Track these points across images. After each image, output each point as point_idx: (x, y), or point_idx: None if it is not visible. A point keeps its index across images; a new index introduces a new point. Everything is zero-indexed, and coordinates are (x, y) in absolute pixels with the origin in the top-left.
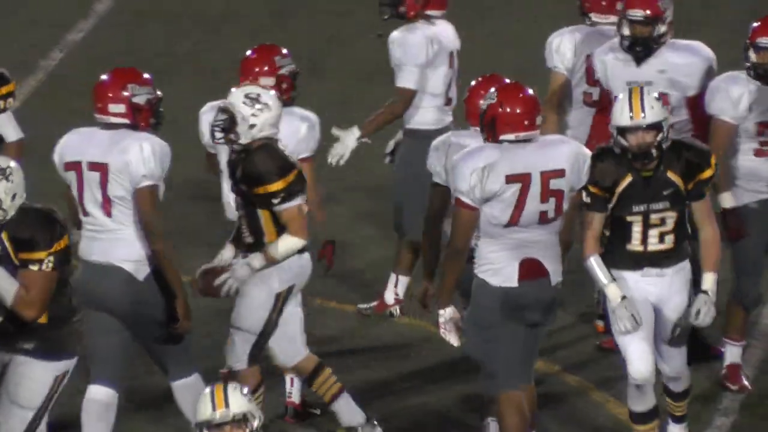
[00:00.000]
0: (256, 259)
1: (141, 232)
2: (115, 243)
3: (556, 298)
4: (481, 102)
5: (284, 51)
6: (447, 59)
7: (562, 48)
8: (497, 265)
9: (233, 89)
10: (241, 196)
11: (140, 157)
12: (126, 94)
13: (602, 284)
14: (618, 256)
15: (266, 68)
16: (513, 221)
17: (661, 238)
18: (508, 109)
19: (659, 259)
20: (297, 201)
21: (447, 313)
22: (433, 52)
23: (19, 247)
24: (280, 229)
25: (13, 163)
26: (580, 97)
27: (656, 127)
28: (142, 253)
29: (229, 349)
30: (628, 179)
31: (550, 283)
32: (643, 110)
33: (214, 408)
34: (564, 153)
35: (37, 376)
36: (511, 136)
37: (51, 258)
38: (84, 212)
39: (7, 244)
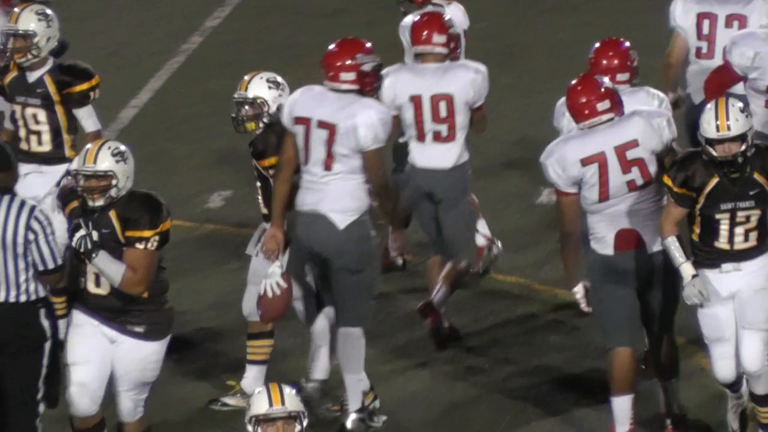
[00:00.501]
0: None
1: (350, 186)
2: (325, 195)
3: (657, 267)
4: None
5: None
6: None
7: (678, 9)
8: (599, 235)
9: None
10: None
11: (369, 122)
12: (355, 62)
13: (678, 262)
14: (704, 255)
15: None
16: (603, 197)
17: (746, 236)
18: (571, 103)
19: (743, 257)
20: None
21: (579, 290)
22: None
23: (127, 226)
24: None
25: (126, 148)
26: (694, 52)
27: (741, 138)
28: (347, 205)
29: None
30: (715, 180)
31: (647, 253)
32: (728, 123)
33: (270, 404)
34: (634, 124)
35: (151, 357)
36: (579, 125)
37: (156, 237)
38: (306, 162)
39: (115, 222)
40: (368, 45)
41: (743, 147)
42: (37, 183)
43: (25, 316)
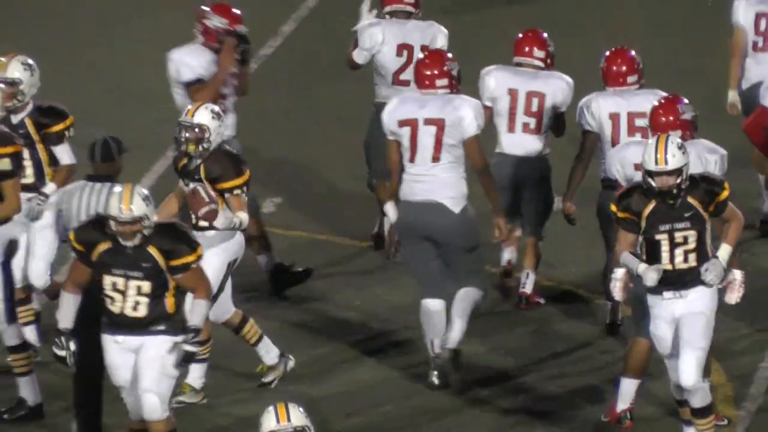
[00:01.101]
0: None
1: (456, 176)
2: (436, 184)
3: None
4: None
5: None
6: None
7: (741, 9)
8: None
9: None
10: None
11: (471, 113)
12: (446, 69)
13: (635, 267)
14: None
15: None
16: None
17: (686, 257)
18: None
19: (683, 279)
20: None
21: (618, 275)
22: None
23: (171, 256)
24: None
25: (148, 192)
26: (751, 46)
27: (677, 172)
28: (458, 191)
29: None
30: (653, 204)
31: None
32: (666, 157)
33: (278, 420)
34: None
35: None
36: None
37: (199, 257)
38: (411, 159)
39: (157, 256)
40: (450, 54)
41: (679, 180)
42: (23, 208)
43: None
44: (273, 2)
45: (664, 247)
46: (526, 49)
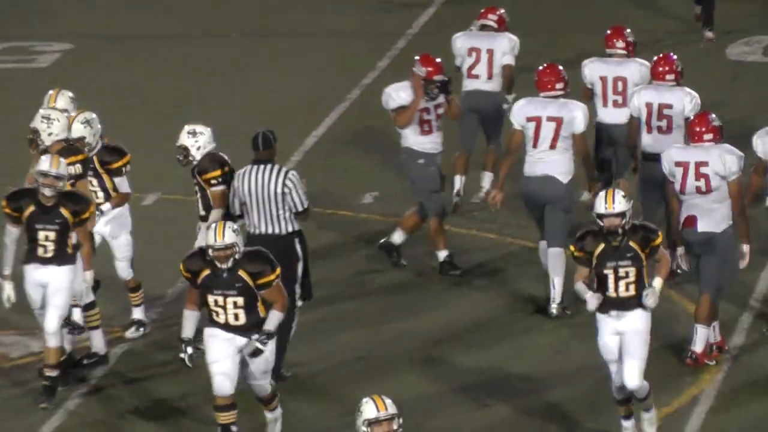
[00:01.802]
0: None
1: (567, 158)
2: (552, 164)
3: (709, 243)
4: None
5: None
6: None
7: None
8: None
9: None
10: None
11: (581, 115)
12: (562, 76)
13: (584, 294)
14: (602, 304)
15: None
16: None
17: (627, 287)
18: (693, 129)
19: (625, 304)
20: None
21: (680, 251)
22: None
23: (257, 277)
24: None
25: (237, 225)
26: None
27: (621, 215)
28: (567, 169)
29: None
30: (602, 246)
31: (698, 231)
32: (613, 203)
33: (377, 410)
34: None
35: (269, 349)
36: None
37: (279, 275)
38: (535, 146)
39: (246, 277)
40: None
41: (623, 221)
42: (100, 221)
43: (285, 243)
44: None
45: (611, 279)
46: (611, 42)
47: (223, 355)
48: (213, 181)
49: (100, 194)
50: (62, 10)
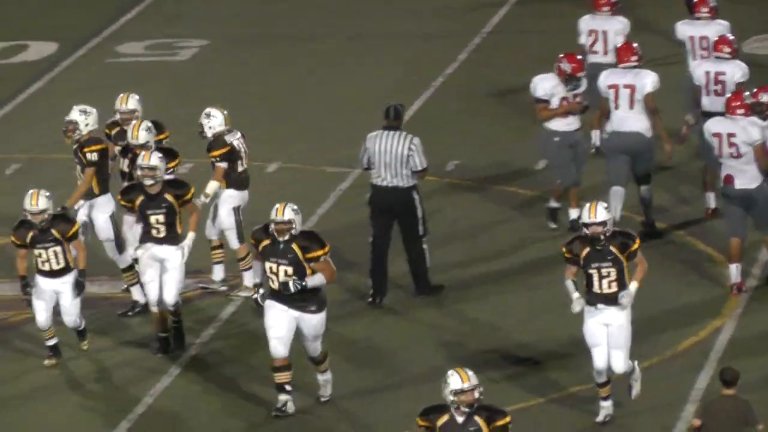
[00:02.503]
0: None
1: (645, 117)
2: (633, 121)
3: (752, 199)
4: None
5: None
6: None
7: None
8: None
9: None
10: None
11: (650, 81)
12: (637, 50)
13: (571, 293)
14: (587, 296)
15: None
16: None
17: (609, 285)
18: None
19: (608, 299)
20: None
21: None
22: None
23: (307, 251)
24: None
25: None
26: None
27: (603, 224)
28: (648, 125)
29: None
30: (587, 249)
31: (737, 188)
32: (596, 214)
33: (462, 381)
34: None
35: (321, 321)
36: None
37: (328, 250)
38: (616, 108)
39: (297, 250)
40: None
41: (604, 229)
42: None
43: (406, 194)
44: None
45: (595, 278)
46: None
47: (278, 323)
48: (217, 159)
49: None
50: (200, 10)
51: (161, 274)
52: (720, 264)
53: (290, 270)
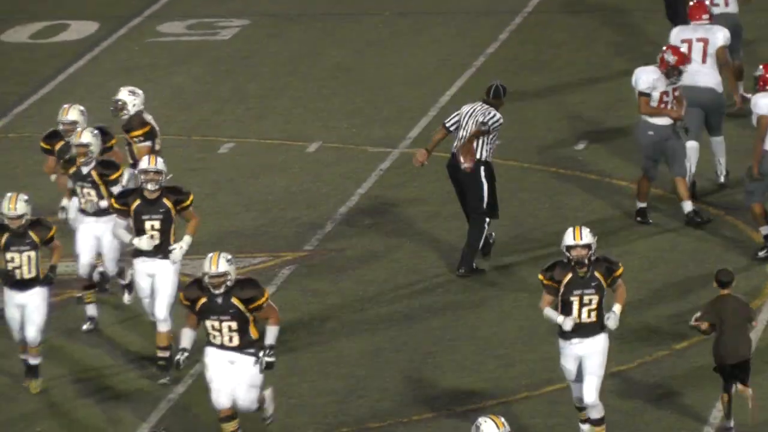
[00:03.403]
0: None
1: (716, 73)
2: (707, 76)
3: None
4: None
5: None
6: None
7: None
8: None
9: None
10: None
11: (722, 36)
12: (708, 8)
13: (555, 317)
14: (560, 330)
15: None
16: None
17: (589, 314)
18: None
19: (586, 329)
20: None
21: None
22: None
23: (249, 302)
24: None
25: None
26: None
27: (588, 247)
28: (719, 80)
29: None
30: (570, 275)
31: None
32: (581, 236)
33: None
34: None
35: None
36: None
37: (268, 296)
38: (689, 62)
39: (239, 304)
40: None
41: (588, 253)
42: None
43: (475, 167)
44: None
45: (575, 306)
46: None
47: (219, 373)
48: (138, 138)
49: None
50: None
51: (153, 287)
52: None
53: (234, 325)
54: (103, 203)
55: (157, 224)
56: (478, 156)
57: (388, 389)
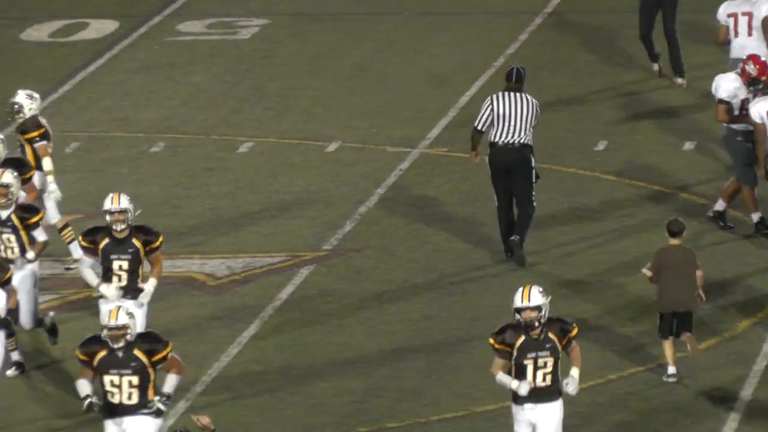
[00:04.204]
0: None
1: (764, 43)
2: (753, 47)
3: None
4: None
5: None
6: None
7: None
8: None
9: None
10: None
11: (766, 6)
12: None
13: (510, 383)
14: (517, 397)
15: None
16: None
17: (544, 377)
18: None
19: (540, 394)
20: None
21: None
22: None
23: (152, 354)
24: None
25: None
26: None
27: (538, 308)
28: (764, 52)
29: None
30: (522, 338)
31: None
32: (529, 298)
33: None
34: None
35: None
36: None
37: (172, 348)
38: (736, 36)
39: (141, 356)
40: None
41: (539, 314)
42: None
43: (524, 152)
44: None
45: (530, 369)
46: None
47: None
48: (34, 139)
49: (16, 249)
50: None
51: None
52: None
53: (135, 380)
54: (30, 255)
55: (125, 264)
56: (531, 141)
57: (406, 389)
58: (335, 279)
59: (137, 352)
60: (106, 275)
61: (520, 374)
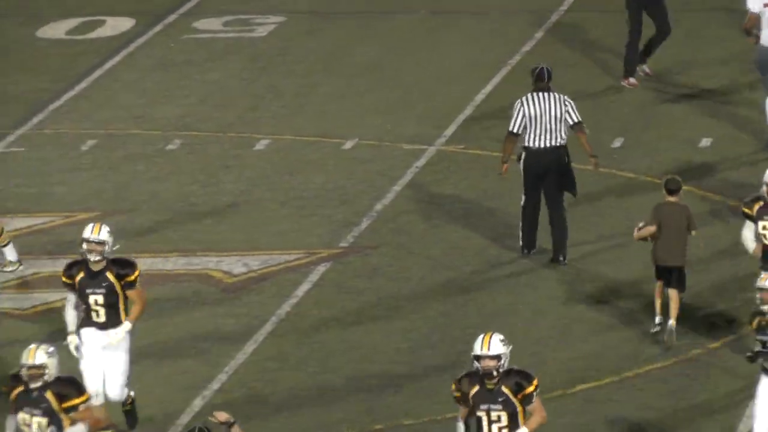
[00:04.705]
0: None
1: None
2: None
3: None
4: None
5: None
6: None
7: None
8: None
9: None
10: None
11: None
12: None
13: None
14: None
15: None
16: None
17: (500, 431)
18: None
19: None
20: None
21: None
22: None
23: (63, 400)
24: None
25: (54, 348)
26: None
27: (497, 357)
28: None
29: None
30: (477, 388)
31: None
32: (489, 346)
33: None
34: None
35: None
36: None
37: (86, 400)
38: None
39: (52, 399)
40: None
41: (498, 363)
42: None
43: (560, 152)
44: None
45: (484, 422)
46: None
47: None
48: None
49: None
50: None
51: (104, 364)
52: None
53: (44, 422)
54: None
55: (100, 299)
56: (565, 142)
57: (422, 386)
58: (352, 276)
59: (49, 395)
60: (87, 311)
61: (477, 426)
